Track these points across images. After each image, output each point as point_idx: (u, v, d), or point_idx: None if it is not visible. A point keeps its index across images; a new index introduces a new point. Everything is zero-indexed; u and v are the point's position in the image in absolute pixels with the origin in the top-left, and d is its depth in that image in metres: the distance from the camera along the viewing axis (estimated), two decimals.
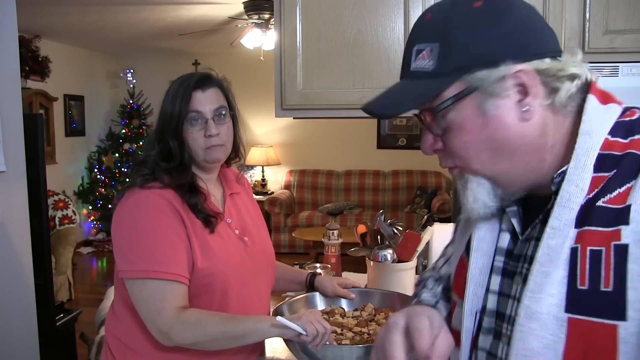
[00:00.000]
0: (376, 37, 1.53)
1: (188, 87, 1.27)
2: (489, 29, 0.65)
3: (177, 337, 1.16)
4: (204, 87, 1.28)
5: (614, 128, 0.67)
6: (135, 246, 1.19)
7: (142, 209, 1.22)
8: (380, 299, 1.45)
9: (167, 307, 1.16)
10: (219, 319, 1.19)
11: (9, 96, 2.06)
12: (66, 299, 4.40)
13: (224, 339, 1.18)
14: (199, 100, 1.26)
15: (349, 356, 1.16)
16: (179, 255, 1.19)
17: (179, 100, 1.25)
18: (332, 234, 1.91)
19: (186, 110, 1.25)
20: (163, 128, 1.28)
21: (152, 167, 1.27)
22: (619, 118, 0.68)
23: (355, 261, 2.08)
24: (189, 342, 1.17)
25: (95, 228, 6.47)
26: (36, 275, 2.21)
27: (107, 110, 6.96)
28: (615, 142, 0.65)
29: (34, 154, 2.20)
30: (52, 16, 4.70)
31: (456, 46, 0.66)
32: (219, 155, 1.30)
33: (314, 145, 6.79)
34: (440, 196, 6.09)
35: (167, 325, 1.15)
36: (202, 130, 1.26)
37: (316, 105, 1.57)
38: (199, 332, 1.16)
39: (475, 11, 0.66)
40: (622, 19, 1.43)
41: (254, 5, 4.21)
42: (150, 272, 1.16)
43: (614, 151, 0.65)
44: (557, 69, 0.66)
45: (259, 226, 1.45)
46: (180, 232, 1.21)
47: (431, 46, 0.67)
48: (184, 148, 1.27)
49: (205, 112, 1.27)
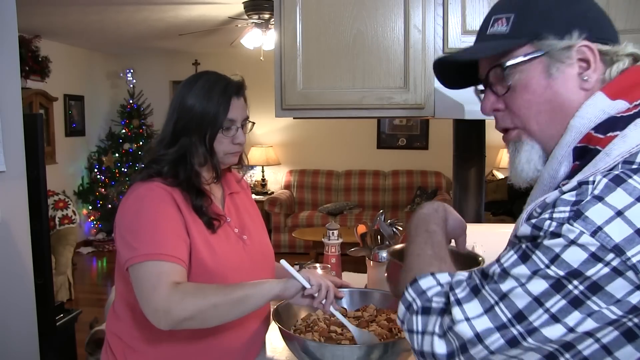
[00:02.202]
0: (376, 37, 1.53)
1: (226, 92, 1.26)
2: (566, 4, 0.75)
3: (176, 309, 1.09)
4: (239, 95, 1.30)
5: (602, 123, 0.70)
6: (138, 234, 1.18)
7: (144, 200, 1.22)
8: (381, 300, 1.45)
9: (164, 281, 1.12)
10: (216, 286, 1.18)
11: (9, 96, 2.06)
12: (66, 299, 4.40)
13: (226, 303, 1.13)
14: (235, 107, 1.27)
15: (349, 356, 1.16)
16: (180, 242, 1.19)
17: (216, 104, 1.24)
18: (332, 234, 1.91)
19: (225, 116, 1.25)
20: (187, 127, 1.25)
21: (167, 165, 1.26)
22: (619, 114, 0.70)
23: (355, 261, 2.08)
24: (190, 313, 1.10)
25: (95, 228, 6.47)
26: (36, 275, 2.21)
27: (107, 110, 6.96)
28: (595, 137, 0.70)
29: (34, 154, 2.20)
30: (52, 16, 4.70)
31: (532, 14, 0.75)
32: (235, 160, 1.34)
33: (314, 145, 6.79)
34: (440, 196, 6.09)
35: (164, 300, 1.10)
36: (230, 137, 1.28)
37: (316, 105, 1.57)
38: (199, 299, 1.11)
39: None
40: (622, 19, 1.43)
41: (254, 5, 4.21)
42: (151, 255, 1.15)
43: (590, 145, 0.70)
44: (615, 51, 0.74)
45: (258, 226, 1.45)
46: (179, 221, 1.22)
47: (508, 15, 0.77)
48: (212, 151, 1.27)
49: (238, 120, 1.29)
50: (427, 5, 1.51)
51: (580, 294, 0.60)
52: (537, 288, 0.62)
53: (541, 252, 0.63)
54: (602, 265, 0.59)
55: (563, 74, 0.74)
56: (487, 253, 1.68)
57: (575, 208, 0.62)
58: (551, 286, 0.61)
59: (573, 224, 0.61)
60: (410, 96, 1.52)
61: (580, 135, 0.71)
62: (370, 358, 1.15)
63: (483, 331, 0.65)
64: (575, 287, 0.60)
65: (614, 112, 0.70)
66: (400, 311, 0.76)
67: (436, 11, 1.52)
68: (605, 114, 0.71)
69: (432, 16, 1.52)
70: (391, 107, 1.54)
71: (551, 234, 0.62)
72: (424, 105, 1.53)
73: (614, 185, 0.61)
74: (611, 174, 0.62)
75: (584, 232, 0.60)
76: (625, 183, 0.61)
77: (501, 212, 5.33)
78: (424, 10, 1.51)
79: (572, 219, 0.61)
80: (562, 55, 0.73)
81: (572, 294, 0.60)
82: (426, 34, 1.52)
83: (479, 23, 1.50)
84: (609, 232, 0.59)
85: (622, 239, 0.59)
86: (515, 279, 0.64)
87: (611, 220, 0.59)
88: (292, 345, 1.23)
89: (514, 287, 0.63)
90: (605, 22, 0.77)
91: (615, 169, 0.64)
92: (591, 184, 0.63)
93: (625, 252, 0.58)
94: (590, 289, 0.60)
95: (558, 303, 0.61)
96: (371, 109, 1.56)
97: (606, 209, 0.60)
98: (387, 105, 1.54)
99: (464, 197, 2.06)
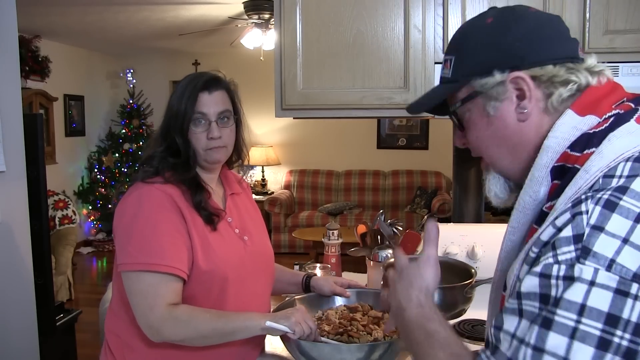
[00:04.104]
0: (376, 37, 1.53)
1: (195, 87, 1.27)
2: (491, 41, 0.76)
3: (167, 333, 1.17)
4: (211, 89, 1.29)
5: (576, 141, 0.71)
6: (134, 240, 1.20)
7: (143, 204, 1.22)
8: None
9: (160, 303, 1.17)
10: (209, 316, 1.20)
11: (9, 96, 2.06)
12: (66, 299, 4.40)
13: (214, 335, 1.20)
14: (205, 102, 1.27)
15: (350, 357, 1.16)
16: (178, 250, 1.20)
17: (185, 99, 1.27)
18: (332, 234, 1.91)
19: (192, 110, 1.26)
20: (169, 125, 1.29)
21: (158, 163, 1.28)
22: (591, 129, 0.70)
23: (355, 261, 2.08)
24: (178, 339, 1.19)
25: (95, 228, 6.47)
26: (36, 275, 2.21)
27: (107, 110, 6.96)
28: (572, 155, 0.70)
29: (34, 154, 2.19)
30: (52, 16, 4.70)
31: (466, 57, 0.78)
32: (219, 156, 1.32)
33: (314, 145, 6.79)
34: (440, 196, 6.09)
35: (159, 322, 1.16)
36: (205, 132, 1.28)
37: (316, 105, 1.58)
38: (189, 329, 1.17)
39: (485, 26, 0.77)
40: (622, 19, 1.44)
41: (254, 5, 4.21)
42: (147, 265, 1.17)
43: (567, 163, 0.70)
44: (551, 75, 0.73)
45: (259, 227, 1.45)
46: (180, 227, 1.22)
47: (451, 57, 0.80)
48: (189, 146, 1.29)
49: (210, 114, 1.28)
50: (427, 5, 1.51)
51: (630, 344, 0.55)
52: (584, 356, 0.55)
53: (564, 309, 0.57)
54: (633, 300, 0.56)
55: (499, 111, 0.76)
56: (487, 253, 1.68)
57: (580, 245, 0.59)
58: (597, 347, 0.55)
59: (585, 263, 0.58)
60: (410, 96, 1.52)
61: (557, 154, 0.71)
62: (370, 358, 1.15)
63: None
64: (621, 337, 0.55)
65: (586, 128, 0.71)
66: None
67: (436, 11, 1.52)
68: (578, 130, 0.71)
69: (432, 16, 1.52)
70: (391, 107, 1.54)
71: (564, 279, 0.58)
72: None
73: (608, 212, 0.60)
74: (602, 199, 0.61)
75: (599, 269, 0.57)
76: (618, 207, 0.60)
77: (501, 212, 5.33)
78: (424, 10, 1.51)
79: (582, 258, 0.58)
80: (496, 91, 0.75)
81: (622, 347, 0.55)
82: (426, 34, 1.52)
83: None
84: (623, 263, 0.57)
85: (638, 267, 0.57)
86: (554, 355, 0.57)
87: (621, 250, 0.57)
88: (289, 345, 1.23)
89: None
90: (541, 43, 0.74)
91: (596, 186, 0.63)
92: (585, 214, 0.61)
93: None
94: (636, 333, 0.55)
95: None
96: (371, 109, 1.56)
97: (611, 239, 0.58)
98: (387, 105, 1.54)
99: (464, 197, 2.06)
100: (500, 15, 0.77)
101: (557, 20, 0.78)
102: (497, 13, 0.78)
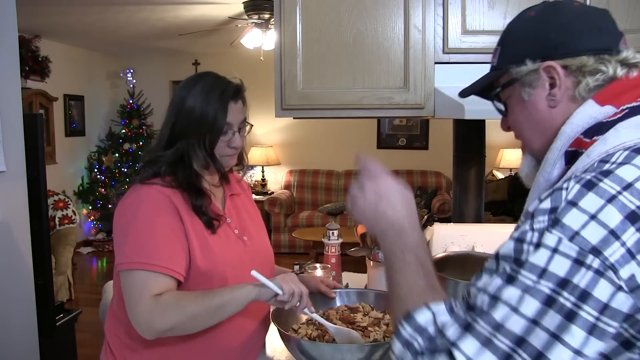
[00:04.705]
0: (376, 37, 1.53)
1: (224, 96, 1.25)
2: (530, 32, 0.82)
3: (158, 322, 1.14)
4: (237, 99, 1.29)
5: (590, 128, 0.75)
6: (131, 240, 1.19)
7: (141, 205, 1.22)
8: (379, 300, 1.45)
9: (145, 295, 1.15)
10: (195, 295, 1.18)
11: (9, 96, 2.06)
12: (66, 299, 4.40)
13: (204, 313, 1.17)
14: (232, 111, 1.27)
15: (350, 357, 1.16)
16: (173, 251, 1.20)
17: (215, 108, 1.24)
18: (332, 234, 1.90)
19: (223, 121, 1.25)
20: (185, 129, 1.25)
21: (162, 166, 1.26)
22: (605, 118, 0.74)
23: (355, 261, 2.08)
24: (171, 325, 1.15)
25: (95, 228, 6.46)
26: (36, 275, 2.21)
27: (107, 110, 6.96)
28: (584, 141, 0.75)
29: (34, 154, 2.20)
30: (52, 16, 4.70)
31: (508, 47, 0.86)
32: (232, 162, 1.34)
33: (314, 145, 6.78)
34: (440, 196, 6.10)
35: (146, 313, 1.14)
36: (226, 141, 1.28)
37: (316, 105, 1.57)
38: (177, 312, 1.15)
39: (528, 19, 0.84)
40: (622, 19, 1.43)
41: (254, 5, 4.21)
42: (141, 264, 1.16)
43: (579, 149, 0.75)
44: (580, 65, 0.78)
45: (258, 227, 1.45)
46: (177, 229, 1.22)
47: (498, 48, 0.88)
48: (209, 154, 1.27)
49: (234, 124, 1.28)
50: (427, 5, 1.51)
51: (572, 306, 0.60)
52: (530, 308, 0.62)
53: (527, 271, 0.63)
54: (586, 270, 0.61)
55: (533, 96, 0.82)
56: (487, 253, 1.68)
57: (553, 216, 0.64)
58: (543, 303, 0.61)
59: (552, 232, 0.63)
60: (410, 96, 1.52)
61: (570, 140, 0.76)
62: (371, 359, 1.15)
63: None
64: (566, 299, 0.61)
65: (602, 117, 0.74)
66: (396, 348, 0.73)
67: (436, 11, 1.52)
68: (593, 119, 0.75)
69: (432, 16, 1.52)
70: (391, 107, 1.54)
71: (534, 245, 0.64)
72: (424, 105, 1.53)
73: (585, 190, 0.64)
74: (583, 179, 0.66)
75: (562, 239, 0.62)
76: (596, 187, 0.64)
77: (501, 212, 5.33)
78: (424, 10, 1.51)
79: (551, 227, 0.64)
80: (530, 78, 0.81)
81: (565, 307, 0.61)
82: (426, 34, 1.52)
83: (479, 23, 1.52)
84: (585, 236, 0.62)
85: (598, 241, 0.61)
86: (506, 304, 0.64)
87: (586, 225, 0.62)
88: (289, 345, 1.23)
89: (507, 314, 0.63)
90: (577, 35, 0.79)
91: (590, 169, 0.68)
92: (565, 189, 0.66)
93: (603, 252, 0.61)
94: (580, 298, 0.60)
95: (553, 319, 0.61)
96: (371, 109, 1.56)
97: (581, 214, 0.63)
98: (387, 105, 1.54)
99: (464, 197, 2.06)
100: (543, 9, 0.83)
101: (600, 13, 0.82)
102: (540, 6, 0.84)
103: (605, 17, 0.82)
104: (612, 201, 0.62)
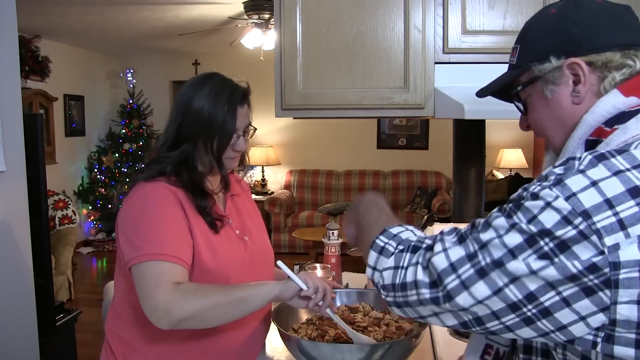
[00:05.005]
0: (376, 37, 1.53)
1: (233, 100, 1.25)
2: (551, 29, 0.82)
3: (177, 308, 1.10)
4: (243, 103, 1.29)
5: (612, 118, 0.76)
6: (142, 233, 1.18)
7: (149, 199, 1.21)
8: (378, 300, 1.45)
9: (164, 281, 1.12)
10: (217, 286, 1.18)
11: (9, 96, 2.06)
12: (66, 299, 4.40)
13: (227, 303, 1.14)
14: (239, 116, 1.27)
15: (350, 357, 1.16)
16: (183, 244, 1.19)
17: (224, 112, 1.24)
18: (332, 234, 1.90)
19: (233, 126, 1.25)
20: (192, 132, 1.25)
21: (166, 167, 1.25)
22: (629, 109, 0.75)
23: (355, 261, 2.08)
24: (191, 312, 1.11)
25: (95, 228, 6.46)
26: (36, 275, 2.21)
27: (107, 110, 6.96)
28: (604, 130, 0.76)
29: (34, 154, 2.19)
30: (52, 16, 4.70)
31: (528, 45, 0.85)
32: (235, 164, 1.35)
33: (314, 145, 6.78)
34: (440, 196, 6.10)
35: (165, 299, 1.10)
36: (232, 144, 1.28)
37: (316, 105, 1.58)
38: (200, 299, 1.12)
39: (549, 16, 0.83)
40: None
41: (254, 5, 4.21)
42: (155, 255, 1.14)
43: (600, 137, 0.76)
44: (606, 61, 0.78)
45: (259, 227, 1.45)
46: (184, 224, 1.22)
47: (517, 46, 0.88)
48: (215, 159, 1.27)
49: (241, 128, 1.29)
50: (427, 5, 1.51)
51: (549, 251, 0.65)
52: (513, 240, 0.67)
53: (521, 212, 0.68)
54: (571, 228, 0.64)
55: (556, 94, 0.82)
56: None
57: (559, 177, 0.68)
58: (525, 241, 0.66)
59: (552, 189, 0.67)
60: (410, 96, 1.52)
61: (591, 128, 0.77)
62: (371, 359, 1.15)
63: (457, 261, 0.71)
64: (546, 244, 0.65)
65: (625, 108, 0.75)
66: (370, 258, 0.82)
67: (436, 11, 1.52)
68: (616, 109, 0.75)
69: (432, 16, 1.52)
70: (391, 107, 1.54)
71: (532, 195, 0.68)
72: (424, 105, 1.53)
73: (596, 161, 0.67)
74: (597, 152, 0.68)
75: (559, 196, 0.65)
76: (607, 160, 0.67)
77: None
78: (424, 10, 1.51)
79: (553, 185, 0.67)
80: (553, 75, 0.81)
81: (542, 250, 0.65)
82: (426, 34, 1.52)
83: (479, 23, 1.52)
84: (581, 199, 0.64)
85: (591, 205, 0.64)
86: (495, 230, 0.69)
87: (586, 189, 0.65)
88: (289, 345, 1.23)
89: (492, 238, 0.69)
90: (601, 31, 0.79)
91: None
92: (577, 159, 0.68)
93: (592, 217, 0.63)
94: (559, 247, 0.64)
95: (530, 257, 0.66)
96: (371, 109, 1.56)
97: (583, 179, 0.66)
98: (387, 105, 1.54)
99: (464, 197, 2.06)
100: (564, 5, 0.82)
101: (623, 9, 0.82)
102: (561, 4, 0.84)
103: (628, 12, 0.82)
104: (618, 174, 0.65)
